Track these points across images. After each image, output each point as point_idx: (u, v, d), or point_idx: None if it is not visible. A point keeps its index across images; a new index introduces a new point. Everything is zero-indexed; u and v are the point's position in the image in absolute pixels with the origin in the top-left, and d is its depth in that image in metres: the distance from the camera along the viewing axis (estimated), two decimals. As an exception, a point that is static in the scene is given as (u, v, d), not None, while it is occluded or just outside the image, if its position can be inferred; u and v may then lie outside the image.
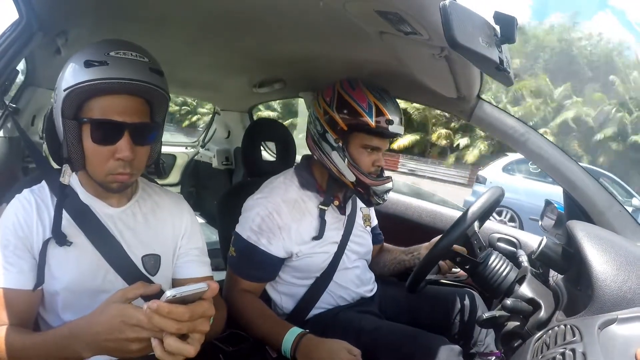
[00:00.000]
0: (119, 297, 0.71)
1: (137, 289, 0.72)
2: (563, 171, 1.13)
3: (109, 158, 0.83)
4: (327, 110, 1.17)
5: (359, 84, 1.17)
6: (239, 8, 1.00)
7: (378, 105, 1.14)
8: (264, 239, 1.16)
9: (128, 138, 0.82)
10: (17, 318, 0.82)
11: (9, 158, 1.58)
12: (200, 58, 1.51)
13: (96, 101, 0.81)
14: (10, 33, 1.04)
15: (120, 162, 0.83)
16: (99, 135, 0.82)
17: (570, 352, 0.62)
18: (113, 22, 1.15)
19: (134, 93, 0.82)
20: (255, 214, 1.17)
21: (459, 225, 1.07)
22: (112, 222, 0.92)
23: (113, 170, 0.84)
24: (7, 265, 0.82)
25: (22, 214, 0.85)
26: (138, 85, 0.81)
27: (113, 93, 0.81)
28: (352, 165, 1.16)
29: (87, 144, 0.83)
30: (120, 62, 0.80)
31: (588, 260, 0.78)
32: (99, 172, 0.85)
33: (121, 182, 0.86)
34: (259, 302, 1.19)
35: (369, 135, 1.16)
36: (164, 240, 0.98)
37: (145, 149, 0.88)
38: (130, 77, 0.80)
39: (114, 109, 0.81)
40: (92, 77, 0.78)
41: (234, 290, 1.19)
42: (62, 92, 0.81)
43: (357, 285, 1.31)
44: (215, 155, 2.76)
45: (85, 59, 0.80)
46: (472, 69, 0.98)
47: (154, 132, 0.90)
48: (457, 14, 0.58)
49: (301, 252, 1.20)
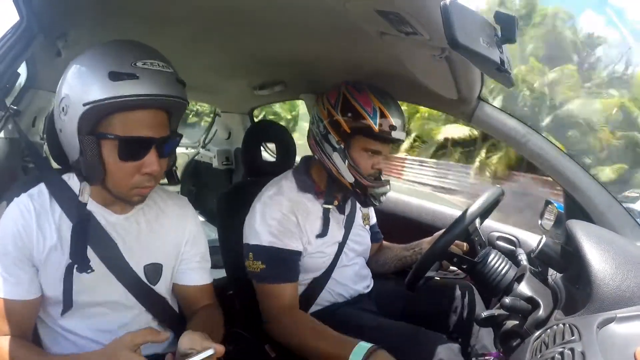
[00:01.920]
0: (128, 342, 0.71)
1: (146, 336, 0.72)
2: (563, 171, 1.14)
3: (135, 173, 0.81)
4: (331, 112, 1.18)
5: (364, 87, 1.18)
6: (239, 9, 1.00)
7: (383, 109, 1.14)
8: (286, 239, 1.16)
9: (155, 152, 0.80)
10: (16, 328, 0.82)
11: (9, 159, 1.58)
12: (201, 60, 1.51)
13: (120, 116, 0.76)
14: (11, 35, 1.04)
15: (146, 177, 0.81)
16: (127, 153, 0.78)
17: (569, 351, 0.62)
18: (113, 24, 1.15)
19: (161, 107, 0.80)
20: (270, 218, 1.16)
21: (459, 223, 1.08)
22: (115, 230, 0.90)
23: (139, 185, 0.82)
24: (6, 275, 0.82)
25: (22, 223, 0.83)
26: (168, 100, 0.78)
27: (141, 108, 0.77)
28: (352, 167, 1.17)
29: (110, 160, 0.78)
30: (151, 76, 0.75)
31: (587, 259, 0.78)
32: (122, 186, 0.82)
33: (144, 195, 0.85)
34: (309, 318, 1.14)
35: (371, 140, 1.16)
36: (167, 248, 0.97)
37: (166, 159, 0.87)
38: (162, 92, 0.76)
39: (142, 124, 0.77)
40: (122, 94, 0.73)
41: (275, 307, 1.14)
42: (81, 106, 0.74)
43: (355, 282, 1.32)
44: (215, 156, 2.77)
45: (109, 70, 0.73)
46: (472, 70, 0.98)
47: (175, 143, 0.88)
48: (458, 14, 0.58)
49: (306, 252, 1.20)
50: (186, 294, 1.02)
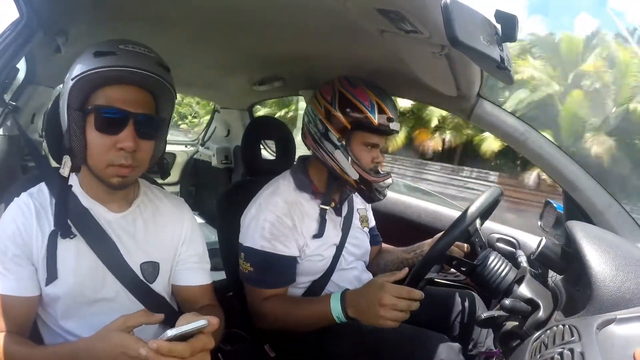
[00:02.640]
0: (121, 324, 0.72)
1: (139, 318, 0.73)
2: (562, 171, 1.13)
3: (111, 148, 0.82)
4: (329, 109, 1.17)
5: (359, 82, 1.18)
6: (239, 6, 1.00)
7: (380, 103, 1.15)
8: (279, 243, 1.15)
9: (132, 129, 0.81)
10: (14, 325, 0.82)
11: (8, 156, 1.57)
12: (200, 56, 1.51)
13: (102, 91, 0.81)
14: (11, 31, 1.04)
15: (122, 153, 0.82)
16: (103, 123, 0.81)
17: (568, 352, 0.61)
18: (113, 21, 1.15)
19: (141, 85, 0.82)
20: (263, 221, 1.15)
21: (458, 225, 1.07)
22: (112, 228, 0.91)
23: (114, 161, 0.82)
24: (5, 272, 0.82)
25: (22, 221, 0.84)
26: (145, 75, 0.80)
27: (120, 83, 0.81)
28: (355, 164, 1.16)
29: (90, 133, 0.82)
30: (129, 54, 0.80)
31: (587, 260, 0.77)
32: (99, 163, 0.83)
33: (122, 175, 0.84)
34: (285, 296, 1.18)
35: (370, 133, 1.16)
36: (164, 247, 0.98)
37: (149, 144, 0.87)
38: (138, 66, 0.80)
39: (120, 98, 0.81)
40: (100, 65, 0.78)
41: (258, 301, 1.17)
42: (70, 81, 0.80)
43: (355, 286, 1.30)
44: (214, 154, 2.76)
45: (95, 51, 0.80)
46: (472, 68, 0.98)
47: (158, 126, 0.88)
48: (458, 12, 0.58)
49: (304, 255, 1.19)
50: (185, 295, 1.02)
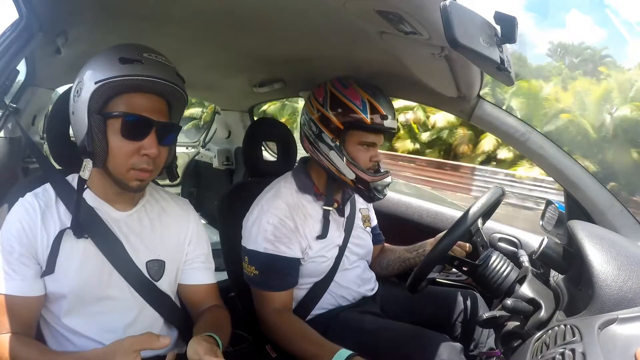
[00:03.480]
0: (127, 347, 0.73)
1: (144, 343, 0.74)
2: (564, 171, 1.13)
3: (134, 153, 0.85)
4: (321, 110, 1.18)
5: (350, 82, 1.18)
6: (239, 8, 1.00)
7: (371, 101, 1.15)
8: (282, 245, 1.15)
9: (154, 136, 0.85)
10: (19, 325, 0.83)
11: (9, 159, 1.57)
12: (201, 58, 1.50)
13: (124, 98, 0.83)
14: (11, 33, 1.04)
15: (145, 158, 0.85)
16: (129, 130, 0.84)
17: (569, 352, 0.61)
18: (113, 22, 1.15)
19: (161, 93, 0.86)
20: (266, 223, 1.15)
21: (460, 225, 1.07)
22: (118, 226, 0.92)
23: (136, 165, 0.85)
24: (11, 272, 0.83)
25: (27, 220, 0.85)
26: (168, 86, 0.84)
27: (143, 91, 0.84)
28: (351, 163, 1.16)
29: (113, 138, 0.84)
30: (154, 63, 0.84)
31: (589, 260, 0.77)
32: (121, 166, 0.85)
33: (142, 179, 0.87)
34: (298, 321, 1.15)
35: (365, 132, 1.16)
36: (169, 246, 0.99)
37: (166, 149, 0.91)
38: (162, 77, 0.83)
39: (144, 106, 0.84)
40: (128, 73, 0.81)
41: (267, 310, 1.16)
42: (93, 84, 0.81)
43: (358, 285, 1.31)
44: (215, 156, 2.76)
45: (119, 56, 0.82)
46: (472, 69, 0.97)
47: (176, 133, 0.93)
48: (458, 14, 0.58)
49: (307, 256, 1.20)
50: (192, 294, 1.04)
